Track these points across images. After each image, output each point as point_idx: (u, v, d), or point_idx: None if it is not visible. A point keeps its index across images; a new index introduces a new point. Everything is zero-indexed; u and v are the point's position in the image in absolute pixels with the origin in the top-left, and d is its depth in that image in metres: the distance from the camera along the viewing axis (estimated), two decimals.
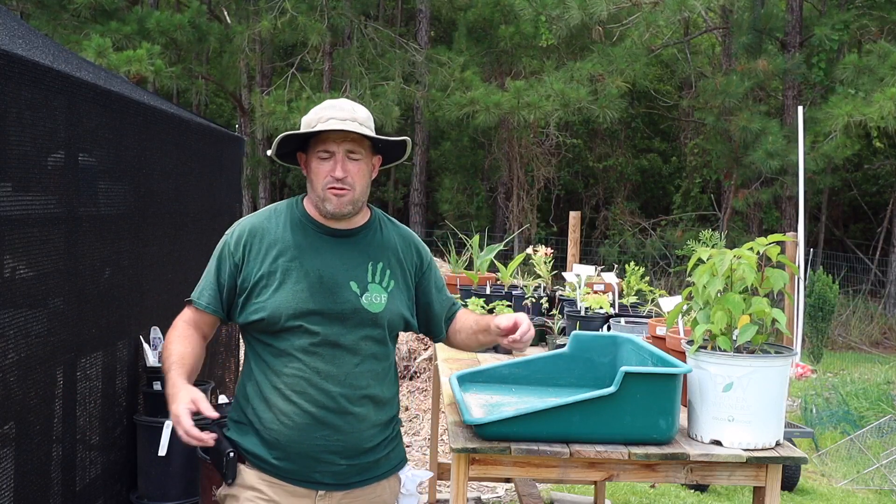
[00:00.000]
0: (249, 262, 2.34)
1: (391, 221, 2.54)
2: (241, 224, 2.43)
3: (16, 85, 2.58)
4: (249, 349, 2.39)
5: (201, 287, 2.41)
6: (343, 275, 2.33)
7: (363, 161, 2.36)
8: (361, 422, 2.32)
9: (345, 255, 2.37)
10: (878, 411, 7.00)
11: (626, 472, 2.31)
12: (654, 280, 14.17)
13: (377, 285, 2.37)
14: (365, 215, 2.46)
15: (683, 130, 17.71)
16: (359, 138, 2.34)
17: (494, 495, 5.02)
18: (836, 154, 12.49)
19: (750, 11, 13.80)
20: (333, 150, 2.31)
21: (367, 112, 2.41)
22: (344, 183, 2.31)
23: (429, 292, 2.53)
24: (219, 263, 2.38)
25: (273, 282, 2.30)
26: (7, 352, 2.62)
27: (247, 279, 2.33)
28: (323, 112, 2.34)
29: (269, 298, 2.29)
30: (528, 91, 12.63)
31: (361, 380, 2.32)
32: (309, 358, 2.28)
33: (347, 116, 2.32)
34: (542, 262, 4.41)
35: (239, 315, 2.35)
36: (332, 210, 2.33)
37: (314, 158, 2.34)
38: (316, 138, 2.34)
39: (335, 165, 2.31)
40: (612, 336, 2.85)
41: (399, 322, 2.42)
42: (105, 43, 10.82)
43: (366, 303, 2.33)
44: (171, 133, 4.37)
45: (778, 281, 2.29)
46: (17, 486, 2.69)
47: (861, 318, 12.89)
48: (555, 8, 12.39)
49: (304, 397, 2.27)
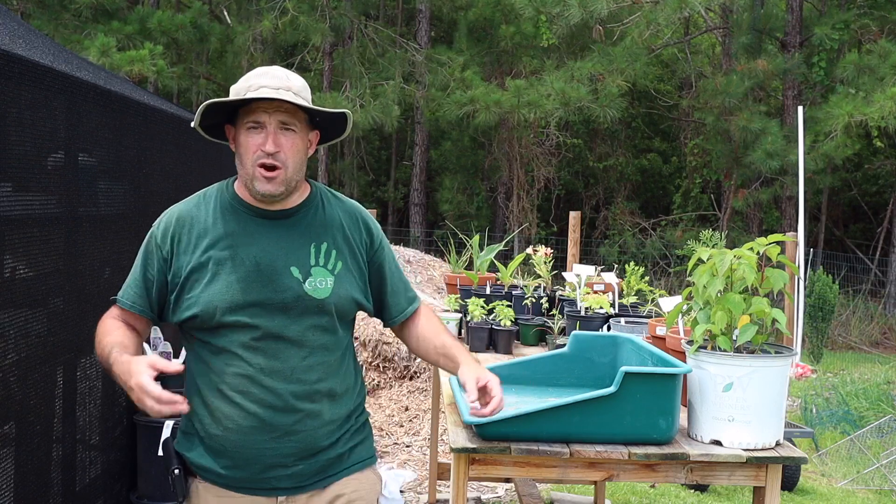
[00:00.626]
0: (179, 255, 2.13)
1: (335, 196, 2.30)
2: (168, 213, 2.21)
3: (16, 85, 2.58)
4: (188, 349, 2.19)
5: (126, 285, 2.19)
6: (282, 260, 2.12)
7: (298, 135, 2.12)
8: (315, 419, 2.13)
9: (283, 238, 2.14)
10: (878, 411, 7.00)
11: (626, 472, 2.31)
12: (654, 280, 14.17)
13: (322, 268, 2.15)
14: (303, 192, 2.22)
15: (683, 130, 17.71)
16: (293, 109, 2.10)
17: (494, 495, 5.02)
18: (837, 154, 12.49)
19: (750, 11, 13.81)
20: (264, 120, 2.08)
21: (303, 81, 2.18)
22: (275, 159, 2.07)
23: (381, 273, 2.29)
24: (145, 258, 2.17)
25: (205, 275, 2.09)
26: (7, 352, 2.62)
27: (177, 274, 2.12)
28: (253, 80, 2.10)
29: (202, 292, 2.08)
30: (529, 90, 12.64)
31: (311, 374, 2.12)
32: (250, 354, 2.08)
33: (281, 85, 2.09)
34: (542, 262, 4.41)
35: (172, 314, 2.14)
36: (261, 191, 2.10)
37: (243, 130, 2.10)
38: (245, 108, 2.10)
39: (266, 138, 2.07)
40: (612, 336, 2.85)
41: (350, 307, 2.20)
42: (109, 42, 10.84)
43: (309, 289, 2.11)
44: (171, 133, 4.37)
45: (778, 281, 2.29)
46: (17, 486, 2.69)
47: (861, 318, 12.89)
48: (555, 6, 12.40)
49: (247, 397, 2.07)
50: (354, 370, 2.27)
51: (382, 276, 2.29)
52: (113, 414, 3.70)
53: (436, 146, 17.56)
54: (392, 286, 2.31)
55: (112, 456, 3.71)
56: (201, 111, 2.09)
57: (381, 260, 2.29)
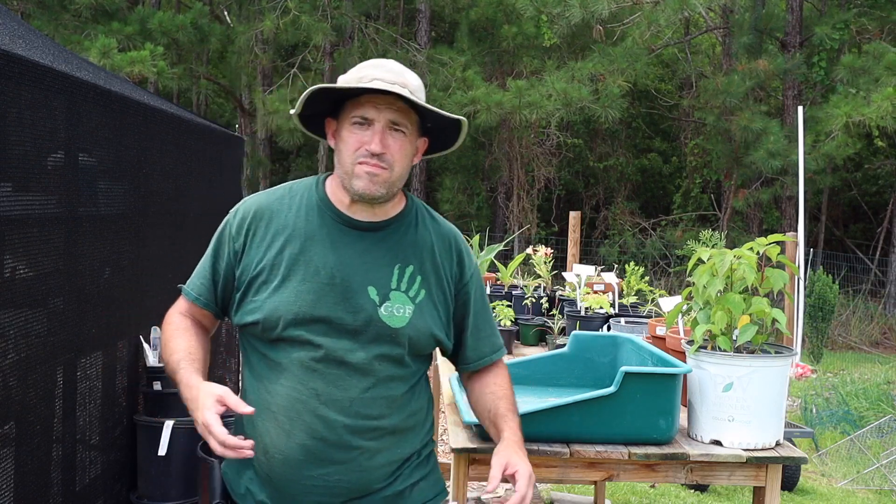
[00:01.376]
0: (251, 250, 1.92)
1: (431, 216, 2.05)
2: (248, 203, 1.98)
3: (16, 85, 2.58)
4: (244, 358, 2.00)
5: (194, 275, 2.01)
6: (361, 277, 1.89)
7: (407, 138, 1.90)
8: (371, 458, 1.89)
9: (367, 252, 1.91)
10: (878, 411, 7.00)
11: (626, 472, 2.31)
12: (654, 280, 14.17)
13: (402, 294, 1.91)
14: (398, 205, 1.99)
15: (684, 130, 17.71)
16: (406, 109, 1.88)
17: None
18: (837, 154, 12.49)
19: (751, 11, 13.80)
20: (372, 117, 1.85)
21: (419, 81, 1.94)
22: (381, 160, 1.85)
23: (466, 309, 2.04)
24: (216, 249, 1.97)
25: (274, 277, 1.88)
26: (7, 352, 2.62)
27: (245, 271, 1.92)
28: (366, 71, 1.88)
29: (268, 298, 1.87)
30: (530, 90, 12.63)
31: (372, 408, 1.88)
32: (307, 376, 1.86)
33: (396, 80, 1.86)
34: (542, 262, 4.41)
35: (234, 314, 1.94)
36: (360, 190, 1.87)
37: (346, 125, 1.88)
38: (352, 101, 1.88)
39: (372, 136, 1.85)
40: (612, 336, 2.85)
41: (426, 341, 1.95)
42: (110, 44, 10.84)
43: (384, 314, 1.88)
44: (172, 133, 4.37)
45: (778, 281, 2.29)
46: (17, 486, 2.69)
47: (861, 318, 12.89)
48: (556, 6, 12.40)
49: (297, 424, 1.86)
50: (426, 406, 2.04)
51: (466, 312, 2.04)
52: (113, 414, 3.70)
53: None
54: (475, 326, 2.05)
55: (112, 456, 3.71)
56: (305, 98, 1.87)
57: (468, 295, 2.04)
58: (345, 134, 1.88)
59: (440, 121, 1.93)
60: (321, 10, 13.05)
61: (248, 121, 15.89)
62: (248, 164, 15.13)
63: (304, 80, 13.71)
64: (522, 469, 1.89)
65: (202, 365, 1.91)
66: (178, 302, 2.04)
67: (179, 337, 1.95)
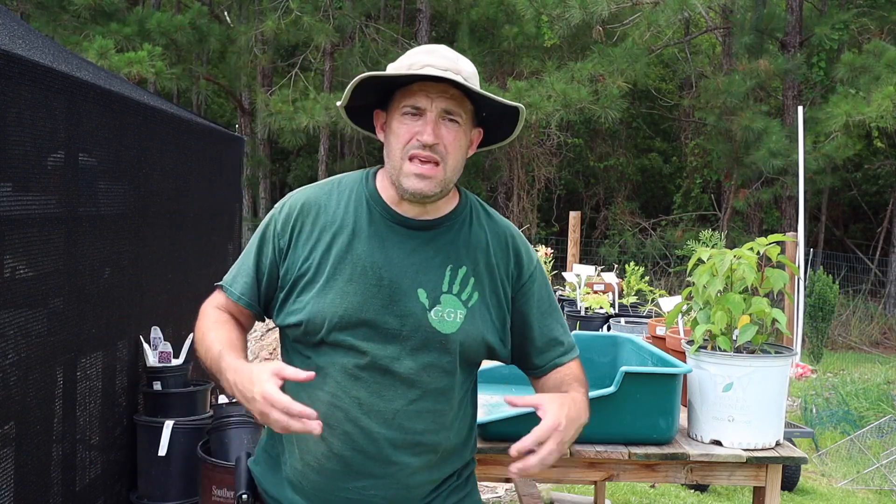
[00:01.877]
0: (297, 247, 1.81)
1: (487, 213, 1.91)
2: (294, 197, 1.87)
3: (16, 85, 2.58)
4: (285, 358, 1.89)
5: (235, 272, 1.88)
6: (410, 279, 1.77)
7: (462, 128, 1.77)
8: (411, 475, 1.79)
9: (417, 253, 1.79)
10: (878, 411, 7.00)
11: (626, 472, 2.31)
12: (654, 280, 14.17)
13: (454, 297, 1.79)
14: (451, 202, 1.86)
15: (684, 130, 17.71)
16: (460, 97, 1.76)
17: (494, 495, 5.02)
18: (838, 154, 12.50)
19: (752, 11, 13.80)
20: (424, 105, 1.74)
21: (473, 68, 1.81)
22: (433, 151, 1.73)
23: (526, 312, 1.89)
24: (260, 246, 1.85)
25: (320, 276, 1.77)
26: (7, 352, 2.62)
27: (290, 270, 1.80)
28: (417, 57, 1.76)
29: (313, 299, 1.76)
30: (530, 91, 12.63)
31: (417, 422, 1.77)
32: (350, 383, 1.75)
33: (450, 66, 1.74)
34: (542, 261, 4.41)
35: (277, 314, 1.84)
36: (411, 189, 1.75)
37: (397, 116, 1.76)
38: (403, 90, 1.76)
39: (425, 126, 1.73)
40: (612, 336, 2.85)
41: (479, 349, 1.83)
42: (107, 45, 10.84)
43: (434, 319, 1.77)
44: (171, 133, 4.37)
45: (778, 281, 2.29)
46: (17, 486, 2.69)
47: (861, 318, 12.89)
48: (555, 7, 12.40)
49: (337, 434, 1.76)
50: (471, 423, 1.92)
51: (528, 315, 1.90)
52: (113, 414, 3.70)
53: None
54: (540, 330, 1.91)
55: (112, 456, 3.71)
56: (352, 87, 1.75)
57: (529, 296, 1.89)
58: (395, 125, 1.76)
59: (496, 109, 1.80)
60: (323, 11, 13.06)
61: (247, 121, 15.89)
62: (248, 164, 15.14)
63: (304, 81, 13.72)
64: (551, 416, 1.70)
65: (245, 355, 1.78)
66: (215, 297, 1.90)
67: (219, 329, 1.82)
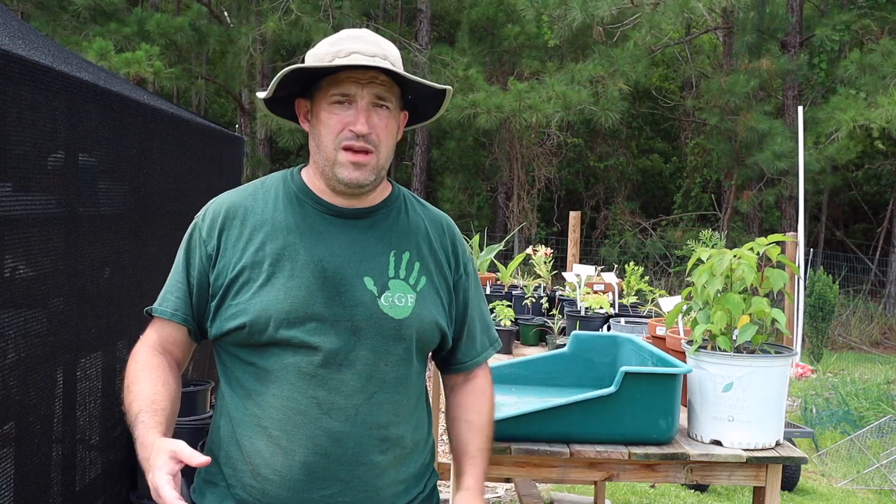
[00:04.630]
0: (226, 251, 1.71)
1: (419, 201, 1.89)
2: (217, 202, 1.77)
3: (16, 85, 2.58)
4: (223, 373, 1.76)
5: (165, 290, 1.77)
6: (354, 267, 1.70)
7: (392, 114, 1.73)
8: (379, 476, 1.70)
9: (357, 241, 1.73)
10: (878, 411, 7.00)
11: (626, 472, 2.31)
12: (654, 280, 14.17)
13: (402, 282, 1.74)
14: (384, 190, 1.82)
15: (684, 130, 17.71)
16: (389, 82, 1.71)
17: (494, 495, 5.02)
18: (839, 156, 12.51)
19: (755, 11, 13.80)
20: (354, 93, 1.67)
21: (397, 51, 1.76)
22: (367, 141, 1.68)
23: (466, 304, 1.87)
24: (187, 256, 1.75)
25: (258, 276, 1.68)
26: (7, 352, 2.62)
27: (222, 274, 1.70)
28: (342, 44, 1.69)
29: (253, 298, 1.66)
30: (530, 93, 12.63)
31: (379, 415, 1.69)
32: (306, 383, 1.65)
33: (377, 52, 1.68)
34: (542, 262, 4.41)
35: (211, 325, 1.72)
36: (346, 179, 1.70)
37: (324, 106, 1.70)
38: (329, 79, 1.69)
39: (356, 116, 1.67)
40: (612, 336, 2.85)
41: (432, 333, 1.78)
42: (107, 46, 10.85)
43: (385, 305, 1.70)
44: (171, 133, 4.37)
45: (778, 281, 2.29)
46: (17, 486, 2.69)
47: (861, 318, 12.89)
48: (556, 8, 12.40)
49: (298, 440, 1.65)
50: (428, 420, 1.87)
51: (466, 308, 1.87)
52: (113, 414, 3.70)
53: (438, 146, 17.57)
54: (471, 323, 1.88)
55: (112, 456, 3.71)
56: (278, 80, 1.67)
57: (467, 287, 1.87)
58: (323, 115, 1.70)
59: (422, 92, 1.77)
60: (322, 11, 13.06)
61: (247, 121, 15.89)
62: (248, 164, 15.14)
63: None
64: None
65: (166, 416, 1.64)
66: (147, 333, 1.79)
67: (144, 380, 1.68)
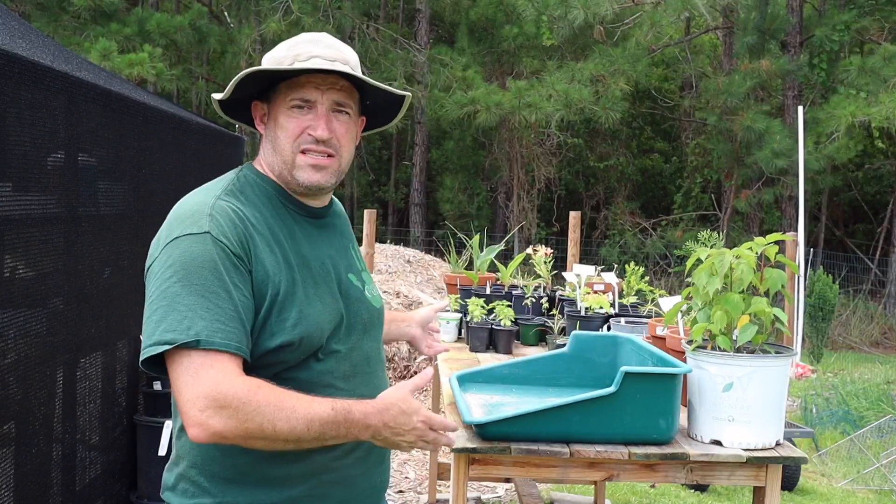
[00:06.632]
0: (259, 261, 1.60)
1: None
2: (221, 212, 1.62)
3: (16, 85, 2.58)
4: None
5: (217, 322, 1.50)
6: (343, 266, 1.76)
7: (352, 119, 1.73)
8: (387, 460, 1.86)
9: (333, 240, 1.79)
10: (878, 411, 7.00)
11: (626, 472, 2.31)
12: (655, 280, 14.17)
13: (366, 273, 1.84)
14: None
15: (685, 130, 17.71)
16: (349, 87, 1.70)
17: (494, 495, 5.02)
18: (839, 155, 12.51)
19: (756, 10, 13.80)
20: (314, 98, 1.67)
21: (356, 55, 1.76)
22: (328, 145, 1.67)
23: None
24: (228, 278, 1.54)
25: (293, 287, 1.62)
26: (7, 352, 2.62)
27: (262, 290, 1.59)
28: (301, 47, 1.68)
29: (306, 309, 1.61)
30: (530, 91, 12.63)
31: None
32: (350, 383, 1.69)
33: (337, 56, 1.67)
34: (542, 261, 4.41)
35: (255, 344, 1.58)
36: (307, 182, 1.68)
37: (283, 109, 1.68)
38: (289, 82, 1.68)
39: (316, 121, 1.66)
40: (612, 336, 2.85)
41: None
42: (110, 46, 10.86)
43: (370, 297, 1.78)
44: (171, 133, 4.37)
45: (777, 281, 2.29)
46: (17, 486, 2.69)
47: (861, 318, 12.89)
48: (557, 8, 12.39)
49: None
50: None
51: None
52: (113, 414, 3.70)
53: (437, 146, 17.58)
54: None
55: (112, 456, 3.71)
56: (236, 82, 1.66)
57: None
58: (282, 119, 1.68)
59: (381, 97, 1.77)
60: (322, 11, 13.07)
61: None
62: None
63: None
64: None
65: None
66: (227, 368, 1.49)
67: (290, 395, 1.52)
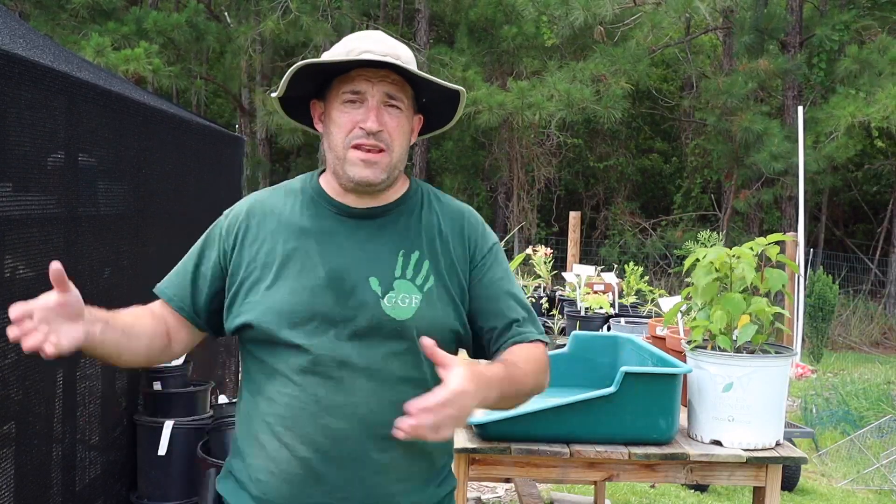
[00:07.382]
0: (243, 249, 1.73)
1: (438, 197, 1.81)
2: (241, 203, 1.82)
3: (16, 85, 2.58)
4: (244, 369, 1.79)
5: (173, 272, 1.81)
6: (362, 269, 1.68)
7: (404, 114, 1.71)
8: (379, 474, 1.65)
9: (367, 242, 1.71)
10: (878, 411, 7.00)
11: (626, 472, 2.31)
12: (654, 280, 14.17)
13: (408, 282, 1.69)
14: (400, 188, 1.78)
15: (685, 131, 17.71)
16: (401, 81, 1.69)
17: (494, 495, 5.02)
18: (838, 155, 12.50)
19: (753, 10, 13.80)
20: (365, 90, 1.66)
21: (411, 53, 1.74)
22: (378, 139, 1.66)
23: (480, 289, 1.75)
24: (202, 248, 1.79)
25: (267, 275, 1.69)
26: (7, 352, 2.62)
27: (236, 272, 1.72)
28: (354, 43, 1.68)
29: (262, 297, 1.67)
30: (532, 91, 12.62)
31: (382, 413, 1.62)
32: (307, 380, 1.64)
33: (388, 51, 1.67)
34: (542, 262, 4.41)
35: (227, 319, 1.74)
36: (357, 178, 1.67)
37: (336, 105, 1.68)
38: (341, 78, 1.68)
39: (367, 113, 1.65)
40: (612, 336, 2.85)
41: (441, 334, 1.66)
42: (104, 42, 10.84)
43: (388, 306, 1.66)
44: (171, 133, 4.37)
45: (777, 281, 2.29)
46: (17, 486, 2.69)
47: (861, 318, 12.89)
48: (557, 8, 12.39)
49: (297, 436, 1.64)
50: None
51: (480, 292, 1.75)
52: (113, 414, 3.70)
53: (437, 146, 17.58)
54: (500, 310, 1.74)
55: (112, 456, 3.71)
56: (289, 77, 1.66)
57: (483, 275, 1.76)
58: (335, 114, 1.68)
59: (436, 94, 1.74)
60: (321, 11, 13.06)
61: (248, 121, 15.89)
62: (248, 163, 15.14)
63: None
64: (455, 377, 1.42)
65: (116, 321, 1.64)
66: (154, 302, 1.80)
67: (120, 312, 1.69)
